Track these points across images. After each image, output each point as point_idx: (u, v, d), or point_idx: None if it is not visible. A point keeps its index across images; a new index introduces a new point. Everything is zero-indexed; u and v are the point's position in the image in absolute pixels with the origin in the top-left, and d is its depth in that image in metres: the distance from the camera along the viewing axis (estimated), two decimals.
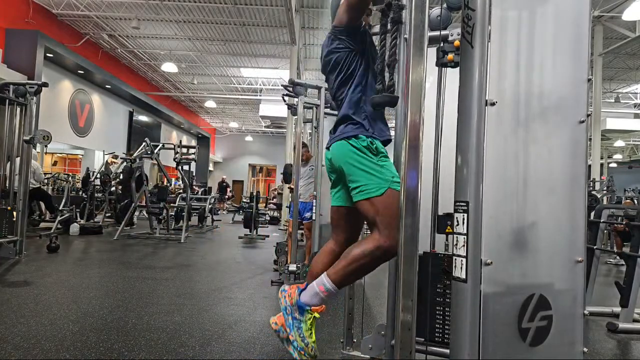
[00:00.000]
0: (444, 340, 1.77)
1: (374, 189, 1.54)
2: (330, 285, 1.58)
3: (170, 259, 5.02)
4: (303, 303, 1.62)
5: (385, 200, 1.52)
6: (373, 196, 1.54)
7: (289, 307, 1.65)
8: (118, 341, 2.21)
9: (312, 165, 4.64)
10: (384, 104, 1.44)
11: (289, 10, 7.75)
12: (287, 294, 1.68)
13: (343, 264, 1.56)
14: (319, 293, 1.60)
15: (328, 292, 1.59)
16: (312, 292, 1.62)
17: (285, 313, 1.66)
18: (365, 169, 1.57)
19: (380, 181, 1.54)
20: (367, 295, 3.61)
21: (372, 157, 1.58)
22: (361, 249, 1.54)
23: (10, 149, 4.73)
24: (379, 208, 1.53)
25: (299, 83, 4.09)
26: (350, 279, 1.63)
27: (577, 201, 1.36)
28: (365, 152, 1.58)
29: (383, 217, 1.52)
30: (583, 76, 1.38)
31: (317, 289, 1.61)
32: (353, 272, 1.56)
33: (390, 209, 1.50)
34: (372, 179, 1.55)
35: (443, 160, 1.76)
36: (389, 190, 1.53)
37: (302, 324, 1.61)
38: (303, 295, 1.64)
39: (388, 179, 1.55)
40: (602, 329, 2.94)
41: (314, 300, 1.61)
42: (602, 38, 10.04)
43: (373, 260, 1.53)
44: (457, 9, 1.80)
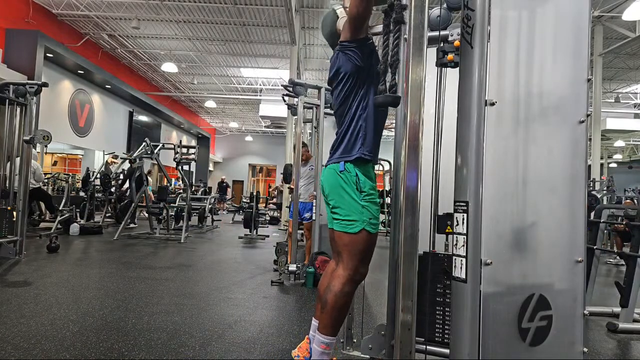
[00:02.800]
0: (444, 340, 1.77)
1: (350, 226, 1.65)
2: (327, 339, 1.70)
3: (170, 259, 5.02)
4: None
5: (356, 238, 1.65)
6: (347, 232, 1.66)
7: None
8: (118, 341, 2.21)
9: (312, 165, 4.64)
10: (387, 104, 1.45)
11: (289, 10, 7.75)
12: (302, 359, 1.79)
13: (326, 316, 1.69)
14: (324, 352, 1.71)
15: (329, 345, 1.71)
16: (318, 354, 1.73)
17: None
18: (347, 205, 1.67)
19: (357, 221, 1.65)
20: (367, 295, 3.61)
21: (357, 194, 1.67)
22: (333, 294, 1.67)
23: (10, 149, 4.73)
24: (348, 243, 1.66)
25: (299, 83, 4.09)
26: (340, 321, 1.73)
27: (577, 201, 1.36)
28: (352, 187, 1.67)
29: (349, 252, 1.66)
30: (583, 76, 1.38)
31: (320, 349, 1.71)
32: (338, 316, 1.69)
33: (357, 247, 1.65)
34: (351, 216, 1.66)
35: (443, 160, 1.76)
36: (362, 231, 1.65)
37: None
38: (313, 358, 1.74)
39: (365, 220, 1.65)
40: (602, 329, 2.94)
41: (323, 358, 1.72)
42: (602, 38, 10.04)
43: (345, 296, 1.67)
44: (457, 9, 1.80)
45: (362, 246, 1.65)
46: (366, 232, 1.64)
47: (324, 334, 1.69)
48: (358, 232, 1.64)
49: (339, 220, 1.68)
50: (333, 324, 1.68)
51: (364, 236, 1.64)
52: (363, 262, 1.69)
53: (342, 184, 1.68)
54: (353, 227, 1.64)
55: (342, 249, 1.68)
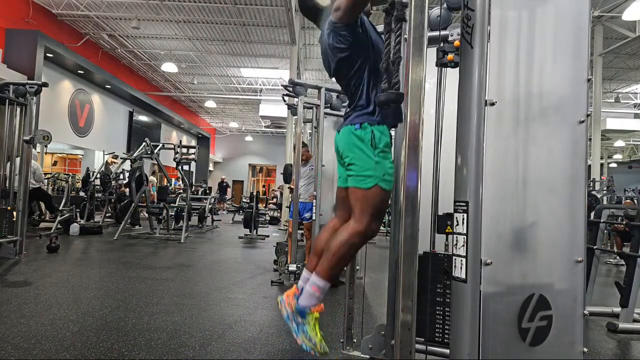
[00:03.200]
0: (444, 340, 1.77)
1: (364, 181, 1.65)
2: (321, 283, 1.69)
3: (170, 259, 5.02)
4: (302, 307, 1.70)
5: (369, 194, 1.64)
6: (361, 187, 1.65)
7: (291, 315, 1.73)
8: (118, 341, 2.21)
9: (312, 165, 4.64)
10: (390, 101, 1.45)
11: (289, 10, 7.75)
12: (286, 303, 1.76)
13: (327, 260, 1.68)
14: (314, 294, 1.69)
15: (321, 289, 1.69)
16: (308, 295, 1.70)
17: (288, 321, 1.74)
18: (362, 161, 1.66)
19: (371, 177, 1.64)
20: (367, 295, 3.61)
21: (371, 150, 1.66)
22: (339, 241, 1.66)
23: (10, 149, 4.73)
24: (361, 199, 1.65)
25: (299, 83, 4.09)
26: (337, 270, 1.72)
27: (577, 201, 1.36)
28: (367, 143, 1.66)
29: (362, 207, 1.65)
30: (583, 76, 1.38)
31: (312, 290, 1.70)
32: (337, 264, 1.68)
33: (370, 203, 1.64)
34: (365, 171, 1.65)
35: (443, 160, 1.76)
36: (375, 187, 1.64)
37: (306, 326, 1.69)
38: (301, 300, 1.72)
39: (378, 175, 1.64)
40: (602, 329, 2.94)
41: (311, 302, 1.70)
42: (602, 38, 10.04)
43: (351, 247, 1.67)
44: (457, 9, 1.80)
45: (375, 201, 1.64)
46: (379, 187, 1.64)
47: (319, 276, 1.68)
48: (371, 188, 1.63)
49: (353, 176, 1.68)
50: (331, 269, 1.67)
51: (377, 191, 1.64)
52: (375, 219, 1.67)
53: (357, 140, 1.68)
54: (367, 182, 1.64)
55: (355, 204, 1.68)
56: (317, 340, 1.66)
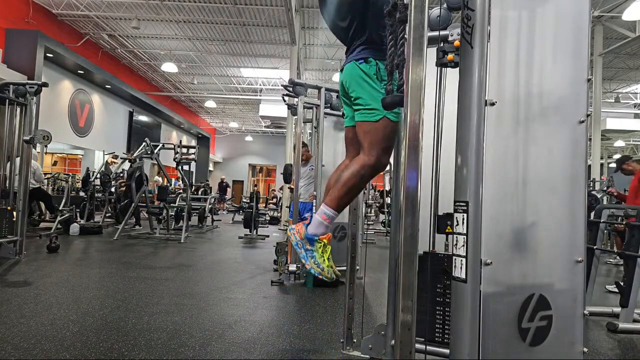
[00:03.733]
0: (444, 340, 1.77)
1: (371, 114, 1.66)
2: (330, 211, 1.72)
3: (170, 259, 5.02)
4: (311, 235, 1.74)
5: (377, 125, 1.66)
6: (368, 120, 1.67)
7: (300, 242, 1.76)
8: (118, 341, 2.21)
9: (312, 165, 4.64)
10: (395, 104, 1.46)
11: (289, 10, 7.75)
12: (296, 231, 1.78)
13: (337, 189, 1.72)
14: (322, 222, 1.73)
15: (330, 218, 1.73)
16: (317, 223, 1.74)
17: (297, 248, 1.77)
18: (368, 94, 1.68)
19: (378, 109, 1.64)
20: (367, 295, 3.61)
21: (377, 83, 1.67)
22: (349, 172, 1.69)
23: (10, 149, 4.73)
24: (370, 131, 1.67)
25: (299, 83, 4.09)
26: (346, 200, 1.75)
27: (577, 201, 1.36)
28: (372, 77, 1.68)
29: (371, 139, 1.67)
30: (583, 76, 1.38)
31: (321, 219, 1.73)
32: (346, 194, 1.71)
33: (378, 134, 1.66)
34: (372, 104, 1.66)
35: (443, 160, 1.76)
36: (384, 118, 1.65)
37: (315, 253, 1.74)
38: (310, 228, 1.75)
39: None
40: (602, 329, 2.94)
41: (320, 230, 1.74)
42: (602, 38, 10.04)
43: (361, 179, 1.69)
44: (457, 9, 1.80)
45: (383, 133, 1.66)
46: (387, 119, 1.65)
47: (328, 206, 1.72)
48: (379, 120, 1.65)
49: (360, 110, 1.69)
50: (340, 198, 1.70)
51: (385, 123, 1.65)
52: (385, 151, 1.68)
53: (362, 74, 1.69)
54: (374, 115, 1.65)
55: (364, 138, 1.69)
56: (325, 266, 1.71)
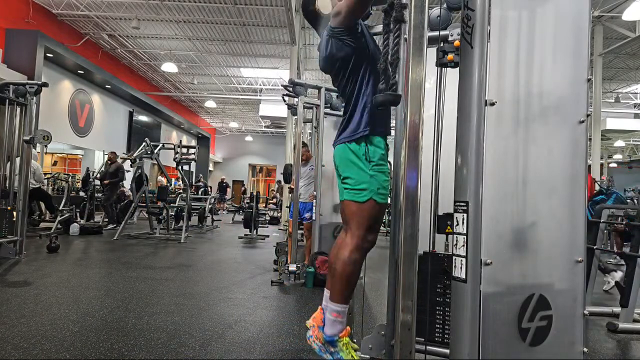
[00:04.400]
0: (444, 340, 1.77)
1: (358, 194, 1.68)
2: (339, 307, 1.73)
3: (170, 259, 5.02)
4: (330, 336, 1.75)
5: (364, 207, 1.68)
6: (355, 200, 1.69)
7: (322, 347, 1.77)
8: (118, 341, 2.21)
9: (312, 165, 4.64)
10: (387, 102, 1.46)
11: (289, 10, 7.75)
12: (315, 337, 1.79)
13: (337, 283, 1.72)
14: (336, 320, 1.73)
15: (341, 313, 1.74)
16: (330, 323, 1.75)
17: (321, 354, 1.78)
18: (356, 175, 1.69)
19: (365, 190, 1.67)
20: (367, 295, 3.61)
21: (366, 164, 1.69)
22: (341, 262, 1.70)
23: (10, 149, 4.73)
24: (356, 212, 1.69)
25: (299, 83, 4.09)
26: (349, 290, 1.75)
27: (577, 201, 1.36)
28: (361, 158, 1.70)
29: (357, 220, 1.69)
30: (583, 76, 1.38)
31: (333, 318, 1.74)
32: (347, 284, 1.71)
33: (364, 216, 1.68)
34: (360, 185, 1.68)
35: (443, 160, 1.76)
36: (370, 201, 1.67)
37: (341, 353, 1.73)
38: (326, 330, 1.76)
39: (373, 189, 1.68)
40: (602, 329, 2.94)
41: (337, 329, 1.74)
42: (602, 38, 10.03)
43: (354, 264, 1.70)
44: (457, 9, 1.80)
45: (369, 214, 1.68)
46: (374, 201, 1.67)
47: (334, 302, 1.72)
48: (366, 201, 1.67)
49: (349, 190, 1.72)
50: (342, 291, 1.71)
51: (371, 205, 1.67)
52: (370, 231, 1.71)
53: (351, 155, 1.71)
54: (361, 195, 1.67)
55: (350, 218, 1.71)
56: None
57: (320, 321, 1.80)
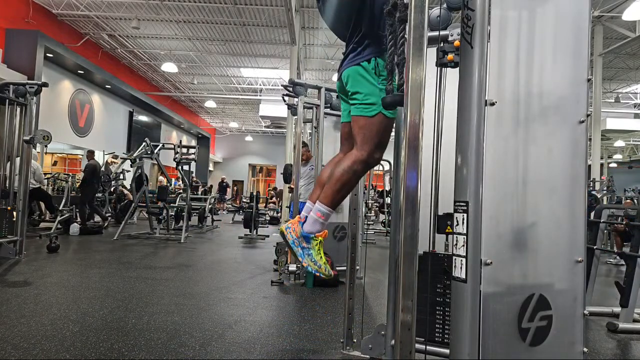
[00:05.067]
0: (444, 340, 1.77)
1: (367, 109, 1.67)
2: (325, 208, 1.73)
3: (170, 259, 5.02)
4: (307, 232, 1.75)
5: (372, 121, 1.66)
6: (364, 115, 1.67)
7: (296, 240, 1.77)
8: (118, 341, 2.21)
9: (312, 165, 4.64)
10: (396, 103, 1.46)
11: (289, 10, 7.75)
12: (292, 229, 1.79)
13: (330, 186, 1.71)
14: (318, 219, 1.74)
15: (325, 215, 1.74)
16: (312, 221, 1.75)
17: (294, 246, 1.78)
18: (364, 89, 1.68)
19: (375, 104, 1.65)
20: (367, 295, 3.61)
21: (375, 78, 1.68)
22: (342, 168, 1.69)
23: (10, 149, 4.73)
24: (365, 126, 1.67)
25: (299, 83, 4.09)
26: (340, 196, 1.75)
27: (577, 201, 1.36)
28: (371, 72, 1.68)
29: (364, 134, 1.67)
30: (583, 76, 1.38)
31: (316, 217, 1.74)
32: (340, 190, 1.71)
33: (373, 129, 1.66)
34: (369, 99, 1.67)
35: (443, 160, 1.76)
36: (379, 114, 1.65)
37: (311, 251, 1.75)
38: (305, 226, 1.76)
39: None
40: (602, 329, 2.94)
41: (316, 227, 1.75)
42: (602, 38, 10.03)
43: (354, 174, 1.69)
44: (457, 9, 1.80)
45: (378, 128, 1.66)
46: (383, 115, 1.65)
47: (322, 203, 1.72)
48: (375, 115, 1.65)
49: (357, 104, 1.70)
50: (333, 195, 1.71)
51: (380, 119, 1.65)
52: (378, 147, 1.69)
53: (361, 70, 1.70)
54: (370, 110, 1.65)
55: (358, 133, 1.69)
56: (322, 263, 1.73)
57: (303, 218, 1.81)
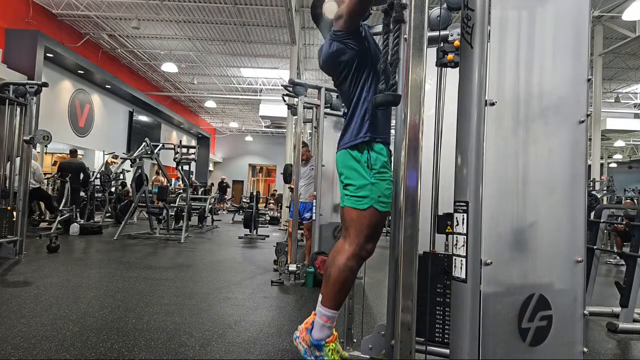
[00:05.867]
0: (444, 340, 1.77)
1: (359, 202, 1.67)
2: (329, 312, 1.71)
3: (170, 259, 5.02)
4: (317, 340, 1.74)
5: (363, 214, 1.66)
6: (356, 207, 1.67)
7: (309, 350, 1.77)
8: (118, 341, 2.21)
9: (312, 165, 4.64)
10: (387, 103, 1.46)
11: (289, 10, 7.75)
12: (301, 339, 1.79)
13: (330, 289, 1.70)
14: (325, 324, 1.72)
15: (331, 318, 1.72)
16: (319, 327, 1.74)
17: (307, 356, 1.77)
18: (356, 182, 1.68)
19: (366, 197, 1.66)
20: (367, 295, 3.61)
21: (367, 171, 1.68)
22: (336, 268, 1.68)
23: (10, 149, 4.73)
24: (356, 219, 1.67)
25: (299, 83, 4.09)
26: (341, 297, 1.73)
27: (577, 201, 1.36)
28: (363, 165, 1.68)
29: (355, 227, 1.67)
30: (583, 76, 1.38)
31: (322, 322, 1.72)
32: (340, 290, 1.70)
33: (364, 223, 1.66)
34: (361, 192, 1.67)
35: (443, 160, 1.76)
36: (370, 208, 1.66)
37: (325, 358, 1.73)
38: (314, 333, 1.75)
39: (374, 197, 1.66)
40: (602, 329, 2.94)
41: (324, 333, 1.73)
42: (602, 38, 10.04)
43: (350, 271, 1.68)
44: (457, 9, 1.80)
45: (369, 223, 1.66)
46: (374, 209, 1.65)
47: (325, 307, 1.71)
48: (366, 209, 1.65)
49: (349, 196, 1.70)
50: (335, 297, 1.69)
51: (371, 213, 1.65)
52: (369, 239, 1.69)
53: (352, 162, 1.70)
54: (362, 203, 1.66)
55: (350, 225, 1.69)
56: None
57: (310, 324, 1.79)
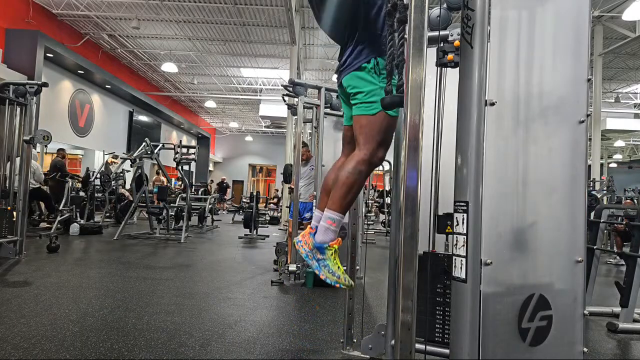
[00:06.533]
0: (444, 340, 1.77)
1: (369, 107, 1.65)
2: (335, 215, 1.68)
3: (170, 259, 5.02)
4: (320, 243, 1.70)
5: (373, 119, 1.64)
6: (365, 113, 1.65)
7: (310, 253, 1.73)
8: (118, 341, 2.21)
9: (312, 165, 4.64)
10: (395, 104, 1.46)
11: (289, 10, 7.75)
12: (303, 242, 1.75)
13: (337, 191, 1.67)
14: (329, 227, 1.69)
15: (336, 222, 1.69)
16: (324, 230, 1.70)
17: (308, 260, 1.73)
18: (366, 88, 1.66)
19: (376, 102, 1.63)
20: (367, 295, 3.61)
21: (375, 77, 1.66)
22: (346, 171, 1.66)
23: (10, 149, 4.73)
24: (366, 125, 1.65)
25: (299, 83, 4.09)
26: (348, 200, 1.71)
27: (577, 201, 1.36)
28: (370, 71, 1.67)
29: (366, 133, 1.65)
30: (583, 76, 1.38)
31: (327, 225, 1.69)
32: (347, 193, 1.67)
33: (374, 128, 1.64)
34: (370, 98, 1.65)
35: (443, 160, 1.76)
36: (380, 112, 1.63)
37: (327, 261, 1.70)
38: (317, 236, 1.72)
39: None
40: (602, 329, 2.94)
41: (328, 236, 1.70)
42: (602, 38, 10.04)
43: (359, 175, 1.65)
44: (457, 9, 1.80)
45: (379, 127, 1.64)
46: (384, 113, 1.63)
47: (331, 209, 1.68)
48: (376, 114, 1.63)
49: (358, 104, 1.68)
50: (342, 200, 1.67)
51: (382, 117, 1.63)
52: (380, 145, 1.66)
53: (361, 73, 1.68)
54: (371, 108, 1.64)
55: (360, 132, 1.67)
56: (340, 273, 1.67)
57: (314, 229, 1.76)
